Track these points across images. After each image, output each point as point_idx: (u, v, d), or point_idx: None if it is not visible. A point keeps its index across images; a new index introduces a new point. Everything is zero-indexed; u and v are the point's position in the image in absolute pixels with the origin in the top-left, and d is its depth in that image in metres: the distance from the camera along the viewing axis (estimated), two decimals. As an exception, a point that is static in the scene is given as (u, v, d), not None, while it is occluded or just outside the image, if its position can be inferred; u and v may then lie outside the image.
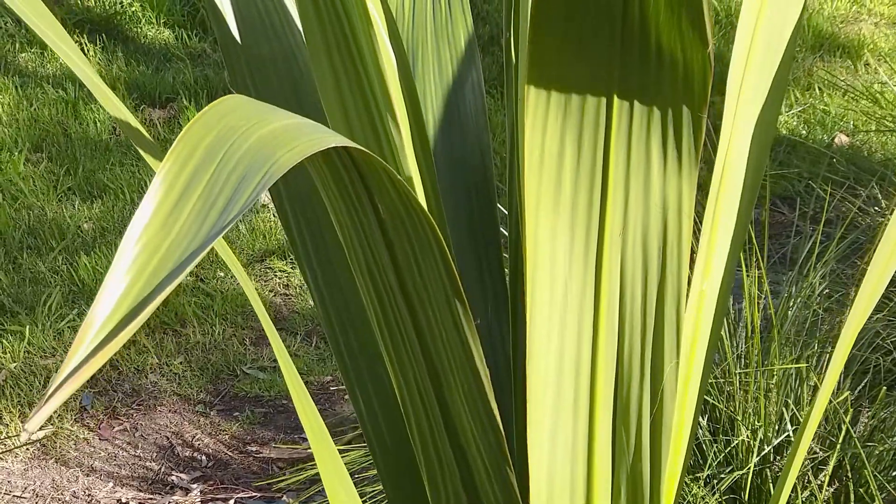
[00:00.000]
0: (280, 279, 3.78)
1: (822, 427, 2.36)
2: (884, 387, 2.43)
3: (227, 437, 3.22)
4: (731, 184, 1.29)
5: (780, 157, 4.12)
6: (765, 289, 2.45)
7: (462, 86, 1.58)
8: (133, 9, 5.18)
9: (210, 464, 3.14)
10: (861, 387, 2.47)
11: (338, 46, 1.25)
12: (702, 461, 2.37)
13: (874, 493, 2.30)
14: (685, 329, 1.27)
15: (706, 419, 2.39)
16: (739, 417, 2.36)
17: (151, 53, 4.99)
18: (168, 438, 3.21)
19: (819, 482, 2.33)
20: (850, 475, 2.35)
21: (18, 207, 4.04)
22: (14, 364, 3.39)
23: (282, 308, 3.67)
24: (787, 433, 2.35)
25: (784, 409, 2.35)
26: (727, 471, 2.36)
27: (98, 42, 5.02)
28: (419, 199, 1.09)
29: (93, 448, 3.18)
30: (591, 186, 1.12)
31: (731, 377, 2.38)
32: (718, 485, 2.34)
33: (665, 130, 1.09)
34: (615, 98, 1.08)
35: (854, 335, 1.18)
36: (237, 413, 3.29)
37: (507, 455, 1.24)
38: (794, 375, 2.38)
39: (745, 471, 2.31)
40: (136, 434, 3.23)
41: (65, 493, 3.04)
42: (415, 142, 1.35)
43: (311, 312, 3.62)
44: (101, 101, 1.16)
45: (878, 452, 2.36)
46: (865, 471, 2.31)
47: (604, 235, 1.14)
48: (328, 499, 1.24)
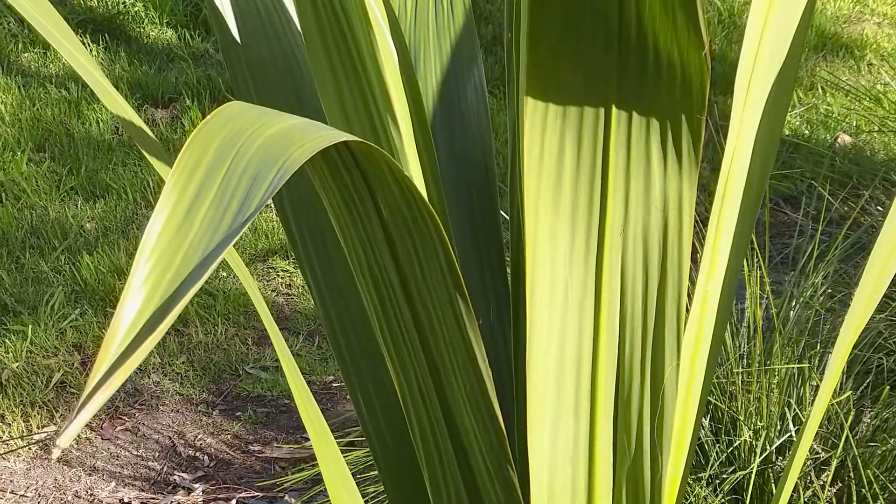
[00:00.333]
0: (282, 279, 3.78)
1: (825, 427, 2.36)
2: (886, 387, 2.43)
3: (230, 437, 3.22)
4: (737, 185, 1.28)
5: (783, 157, 4.11)
6: (767, 289, 2.45)
7: (464, 85, 1.57)
8: (136, 9, 5.18)
9: (212, 463, 3.14)
10: (863, 387, 2.46)
11: (336, 46, 1.25)
12: (704, 461, 2.37)
13: (877, 493, 2.30)
14: (689, 330, 1.27)
15: (708, 419, 2.39)
16: (742, 417, 2.35)
17: (154, 53, 4.99)
18: (170, 438, 3.21)
19: (821, 482, 2.33)
20: (853, 475, 2.35)
21: (21, 207, 4.04)
22: (16, 364, 3.39)
23: (284, 308, 3.67)
24: (790, 433, 2.34)
25: (786, 409, 2.35)
26: (729, 471, 2.35)
27: (101, 42, 5.02)
28: (421, 193, 1.09)
29: (95, 448, 3.18)
30: (591, 186, 1.12)
31: (734, 377, 2.38)
32: (721, 485, 2.34)
33: (664, 131, 1.09)
34: (614, 99, 1.08)
35: (855, 335, 1.18)
36: (239, 413, 3.29)
37: (510, 455, 1.23)
38: (797, 375, 2.38)
39: (748, 471, 2.31)
40: (139, 434, 3.23)
41: (67, 493, 3.04)
42: (417, 139, 1.34)
43: (314, 312, 3.61)
44: (104, 101, 1.15)
45: (881, 452, 2.35)
46: (868, 471, 2.31)
47: (604, 235, 1.14)
48: (330, 499, 1.24)
